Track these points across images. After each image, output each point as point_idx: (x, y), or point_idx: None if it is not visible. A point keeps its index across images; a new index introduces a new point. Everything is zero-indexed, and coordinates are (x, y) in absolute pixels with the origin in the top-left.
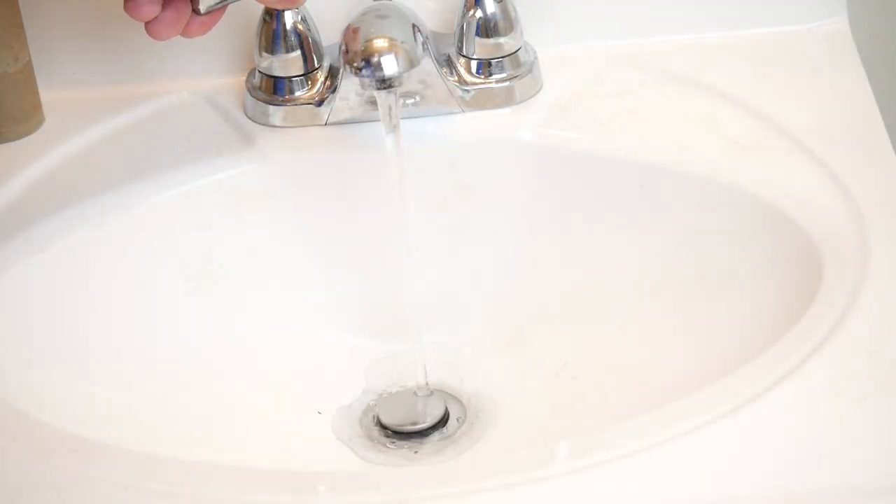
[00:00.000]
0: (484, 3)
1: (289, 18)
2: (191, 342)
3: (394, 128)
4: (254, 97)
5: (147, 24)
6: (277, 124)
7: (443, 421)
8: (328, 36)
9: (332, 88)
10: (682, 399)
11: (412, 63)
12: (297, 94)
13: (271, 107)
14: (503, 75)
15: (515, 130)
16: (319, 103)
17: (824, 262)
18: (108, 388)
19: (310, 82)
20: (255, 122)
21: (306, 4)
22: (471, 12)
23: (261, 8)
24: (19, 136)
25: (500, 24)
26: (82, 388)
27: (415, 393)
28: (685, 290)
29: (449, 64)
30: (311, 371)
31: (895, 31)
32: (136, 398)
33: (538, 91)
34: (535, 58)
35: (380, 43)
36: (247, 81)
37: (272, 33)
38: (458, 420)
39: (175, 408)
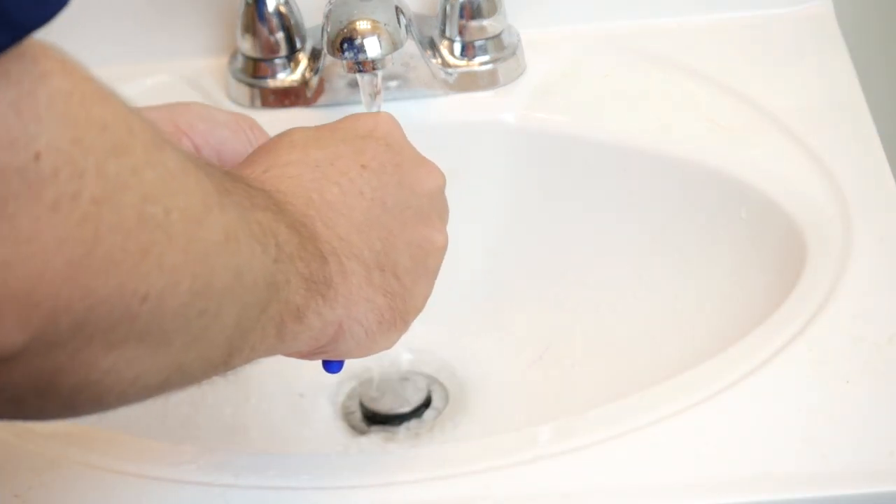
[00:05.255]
0: None
1: (271, 0)
2: None
3: (376, 110)
4: (236, 79)
5: None
6: (260, 106)
7: (425, 405)
8: (311, 17)
9: (315, 70)
10: (664, 382)
11: (395, 45)
12: (280, 76)
13: (254, 89)
14: (486, 58)
15: (498, 113)
16: (302, 85)
17: (807, 245)
18: None
19: (292, 64)
20: (237, 104)
21: None
22: None
23: None
24: None
25: (484, 7)
26: None
27: (397, 377)
28: (668, 272)
29: (432, 46)
30: None
31: (879, 12)
32: None
33: (521, 73)
34: (519, 40)
35: (363, 25)
36: (229, 63)
37: (254, 15)
38: (440, 403)
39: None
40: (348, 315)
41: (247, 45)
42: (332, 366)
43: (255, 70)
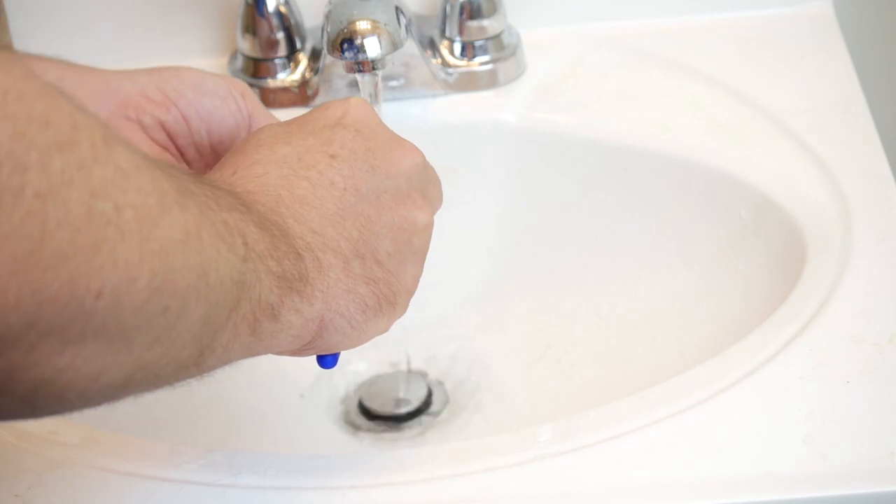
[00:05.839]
0: None
1: (271, 0)
2: None
3: (377, 110)
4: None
5: None
6: None
7: (425, 405)
8: (311, 17)
9: (315, 70)
10: (664, 382)
11: (395, 45)
12: (280, 76)
13: (253, 89)
14: (486, 58)
15: (498, 113)
16: (302, 85)
17: (807, 246)
18: None
19: (292, 64)
20: None
21: None
22: None
23: None
24: None
25: (484, 7)
26: None
27: (397, 376)
28: (668, 273)
29: (432, 46)
30: None
31: (879, 13)
32: None
33: (521, 73)
34: (519, 40)
35: (363, 25)
36: (229, 63)
37: (254, 15)
38: (440, 404)
39: (156, 392)
40: (329, 309)
41: (247, 45)
42: (325, 360)
43: (255, 70)
